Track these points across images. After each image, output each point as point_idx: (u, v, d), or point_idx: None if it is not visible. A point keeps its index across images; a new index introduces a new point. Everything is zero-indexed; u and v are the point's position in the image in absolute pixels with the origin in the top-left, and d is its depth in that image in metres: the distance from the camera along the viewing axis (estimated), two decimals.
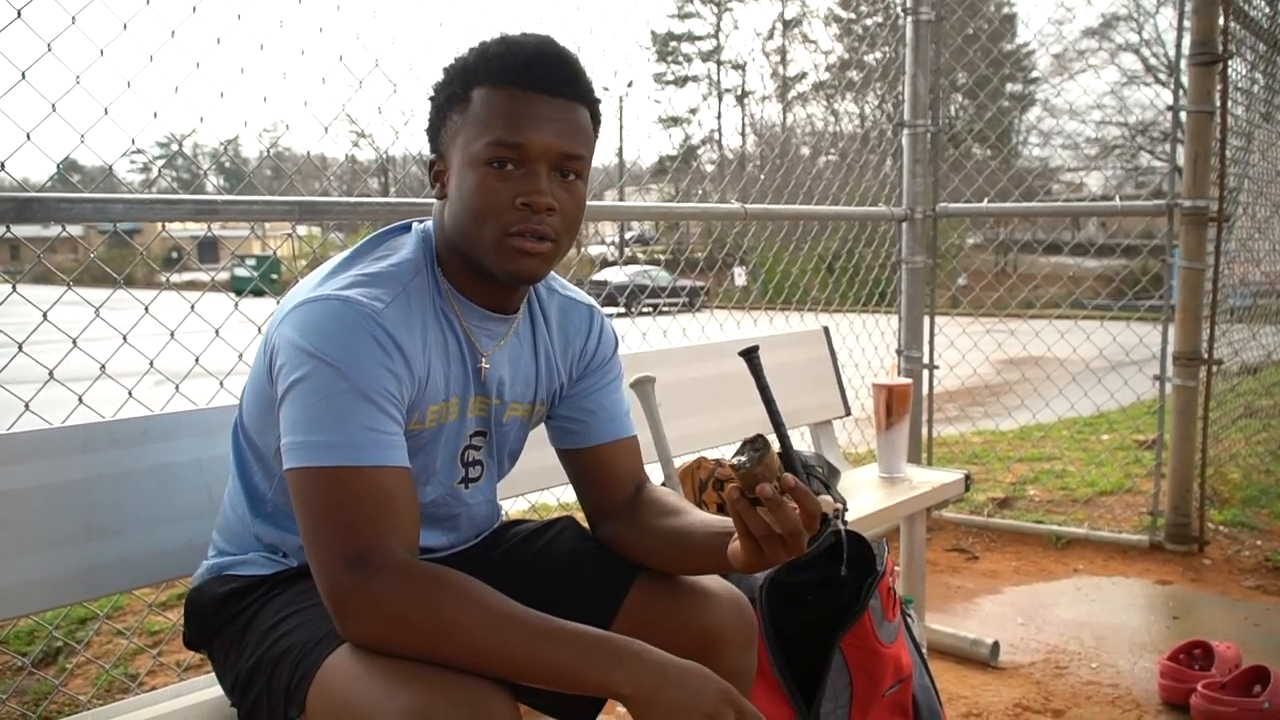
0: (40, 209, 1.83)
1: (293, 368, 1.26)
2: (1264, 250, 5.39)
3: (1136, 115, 21.05)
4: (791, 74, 33.20)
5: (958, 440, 5.77)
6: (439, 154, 1.40)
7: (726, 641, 1.47)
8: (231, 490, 1.51)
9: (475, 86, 1.34)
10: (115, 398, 2.12)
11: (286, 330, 1.29)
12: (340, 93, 2.61)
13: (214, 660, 1.49)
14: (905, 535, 3.04)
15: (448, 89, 1.37)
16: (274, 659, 1.32)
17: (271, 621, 1.38)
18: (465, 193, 1.33)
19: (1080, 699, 2.76)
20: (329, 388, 1.23)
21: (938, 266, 4.49)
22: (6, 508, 1.54)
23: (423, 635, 1.18)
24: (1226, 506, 4.38)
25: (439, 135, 1.39)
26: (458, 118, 1.35)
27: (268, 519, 1.47)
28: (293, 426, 1.24)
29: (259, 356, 1.40)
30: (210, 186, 4.48)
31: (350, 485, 1.22)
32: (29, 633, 3.08)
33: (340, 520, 1.21)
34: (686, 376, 2.71)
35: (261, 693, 1.33)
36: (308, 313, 1.28)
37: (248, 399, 1.44)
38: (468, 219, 1.34)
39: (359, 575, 1.18)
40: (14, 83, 1.89)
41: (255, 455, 1.46)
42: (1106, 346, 4.69)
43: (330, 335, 1.25)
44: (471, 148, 1.32)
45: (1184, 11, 3.83)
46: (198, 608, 1.49)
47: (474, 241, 1.35)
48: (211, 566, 1.50)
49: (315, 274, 1.40)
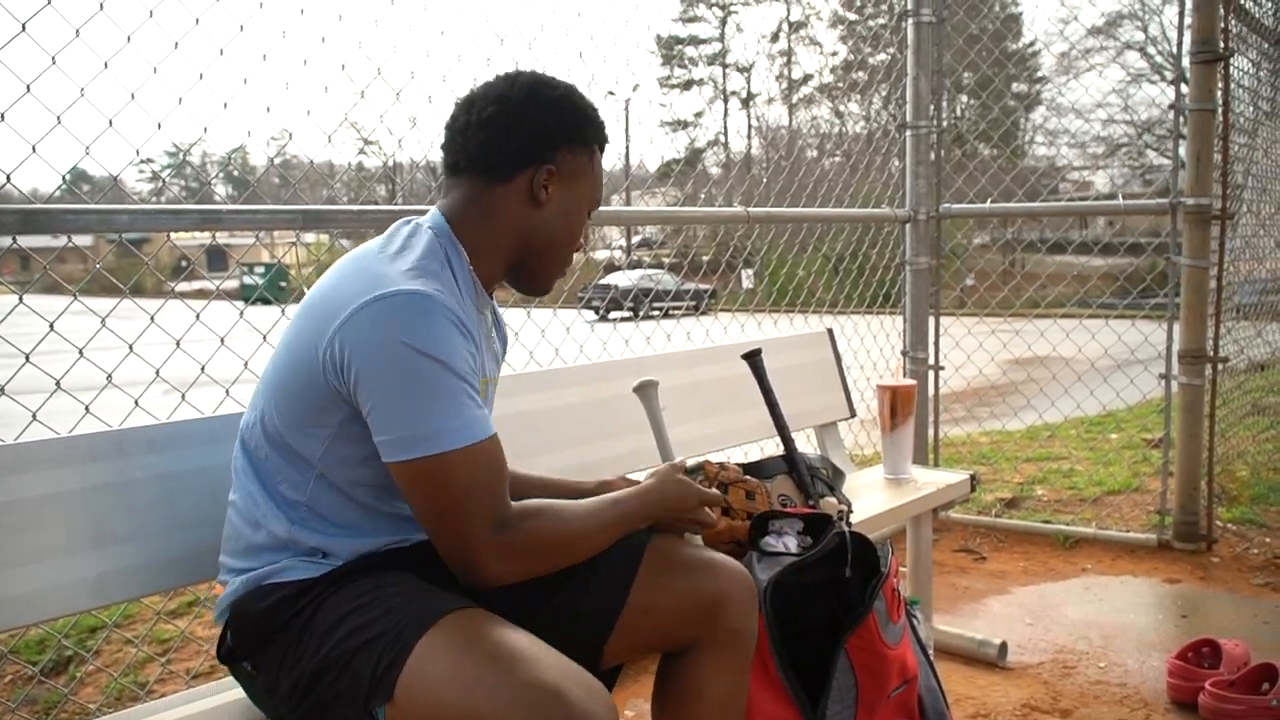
0: (46, 220, 1.85)
1: (388, 365, 1.34)
2: (1268, 247, 5.37)
3: (1143, 113, 20.98)
4: (796, 76, 33.22)
5: (965, 441, 5.76)
6: (553, 164, 1.56)
7: (730, 605, 1.60)
8: (247, 503, 1.50)
9: (595, 145, 1.63)
10: (122, 407, 2.13)
11: (363, 329, 1.35)
12: (345, 101, 2.63)
13: (262, 670, 1.47)
14: (912, 536, 3.04)
15: (579, 126, 1.60)
16: (347, 653, 1.35)
17: (334, 619, 1.40)
18: (573, 221, 1.61)
19: (1088, 699, 2.76)
20: (434, 377, 1.35)
21: (942, 267, 4.49)
22: (15, 517, 1.55)
23: (550, 560, 1.46)
24: (1235, 504, 4.37)
25: (556, 152, 1.57)
26: (584, 160, 1.61)
27: (303, 523, 1.47)
28: (406, 420, 1.34)
29: (303, 355, 1.42)
30: (219, 195, 4.50)
31: (479, 460, 1.37)
32: (39, 641, 3.09)
33: (483, 491, 1.37)
34: (691, 380, 2.72)
35: (332, 689, 1.35)
36: (383, 311, 1.35)
37: (284, 404, 1.45)
38: (564, 239, 1.61)
39: (504, 533, 1.39)
40: (19, 95, 1.91)
41: (288, 459, 1.47)
42: (1112, 345, 4.68)
43: (420, 329, 1.35)
44: (590, 195, 1.63)
45: (1185, 9, 3.82)
46: (243, 620, 1.48)
47: (552, 254, 1.62)
48: (247, 580, 1.48)
49: (343, 277, 1.44)
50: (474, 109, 1.57)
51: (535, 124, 1.55)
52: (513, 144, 1.55)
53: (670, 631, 1.59)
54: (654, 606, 1.56)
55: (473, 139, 1.56)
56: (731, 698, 1.62)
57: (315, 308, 1.44)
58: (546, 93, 1.57)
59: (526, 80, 1.58)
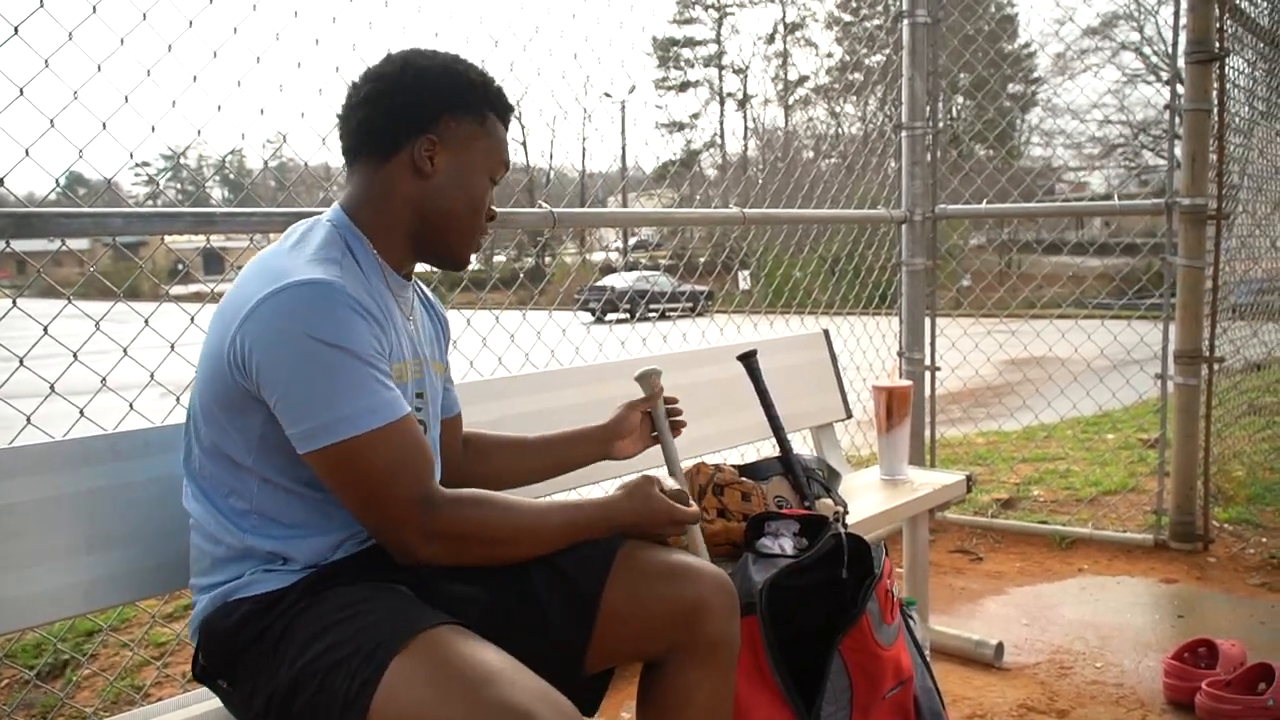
0: (39, 224, 1.84)
1: (288, 356, 1.33)
2: (1264, 247, 5.38)
3: (1139, 114, 21.02)
4: (792, 78, 33.24)
5: (962, 442, 5.77)
6: (434, 135, 1.53)
7: (709, 611, 1.56)
8: (202, 520, 1.49)
9: (489, 112, 1.59)
10: (117, 410, 2.13)
11: (261, 323, 1.34)
12: (339, 103, 2.62)
13: (236, 685, 1.46)
14: (908, 537, 3.05)
15: (460, 94, 1.56)
16: (323, 669, 1.33)
17: (309, 634, 1.38)
18: (469, 190, 1.57)
19: (1085, 699, 2.76)
20: (336, 364, 1.34)
21: (938, 268, 4.49)
22: (10, 521, 1.55)
23: (487, 544, 1.45)
24: (1231, 504, 4.37)
25: (437, 121, 1.54)
26: (473, 127, 1.57)
27: (256, 530, 1.46)
28: (312, 409, 1.33)
29: (214, 362, 1.41)
30: (215, 198, 4.49)
31: (392, 441, 1.36)
32: (36, 646, 3.09)
33: (402, 471, 1.37)
34: (687, 381, 2.72)
35: (309, 705, 1.33)
36: (282, 303, 1.34)
37: (209, 414, 1.44)
38: (462, 208, 1.57)
39: (430, 512, 1.39)
40: (12, 99, 1.90)
41: (227, 470, 1.46)
42: (1108, 346, 4.69)
43: (318, 317, 1.34)
44: (485, 162, 1.59)
45: (1180, 10, 3.83)
46: (211, 638, 1.47)
47: (451, 226, 1.58)
48: (214, 597, 1.47)
49: (247, 278, 1.44)
50: (350, 95, 1.57)
51: (410, 95, 1.53)
52: (390, 118, 1.53)
53: (648, 640, 1.55)
54: (630, 614, 1.53)
55: (354, 120, 1.56)
56: (716, 705, 1.58)
57: (222, 311, 1.44)
58: (421, 63, 1.55)
59: (401, 55, 1.57)
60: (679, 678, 1.56)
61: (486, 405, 2.22)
